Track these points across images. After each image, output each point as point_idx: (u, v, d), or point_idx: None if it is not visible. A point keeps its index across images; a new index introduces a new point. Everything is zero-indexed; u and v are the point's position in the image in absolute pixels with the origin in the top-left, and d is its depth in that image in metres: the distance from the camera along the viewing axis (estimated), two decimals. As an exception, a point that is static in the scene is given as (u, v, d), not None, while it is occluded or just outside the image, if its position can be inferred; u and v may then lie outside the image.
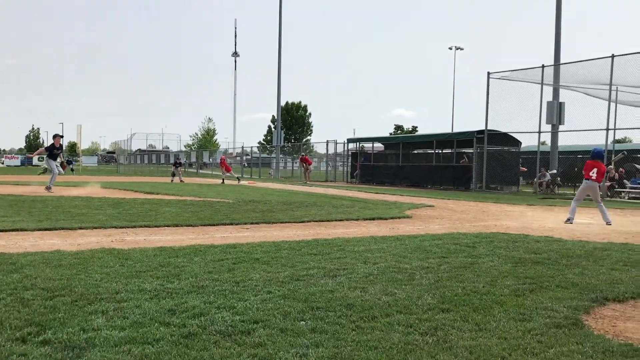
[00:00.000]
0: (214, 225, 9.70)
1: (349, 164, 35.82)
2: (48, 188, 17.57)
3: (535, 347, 3.55)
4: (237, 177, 31.41)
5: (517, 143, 25.84)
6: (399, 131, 71.35)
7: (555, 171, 24.41)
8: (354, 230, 9.37)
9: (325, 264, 6.08)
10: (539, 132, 23.21)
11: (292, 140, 70.03)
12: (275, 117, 47.21)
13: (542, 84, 22.61)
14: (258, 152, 59.54)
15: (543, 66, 22.41)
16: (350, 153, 36.34)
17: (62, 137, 19.65)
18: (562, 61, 24.03)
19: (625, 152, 15.22)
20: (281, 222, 10.31)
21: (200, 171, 54.11)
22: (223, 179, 29.72)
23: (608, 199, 18.75)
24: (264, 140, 75.07)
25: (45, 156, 19.78)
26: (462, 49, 69.21)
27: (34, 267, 5.54)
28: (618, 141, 25.69)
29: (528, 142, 25.88)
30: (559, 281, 5.46)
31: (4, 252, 6.33)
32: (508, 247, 7.61)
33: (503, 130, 24.38)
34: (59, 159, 19.56)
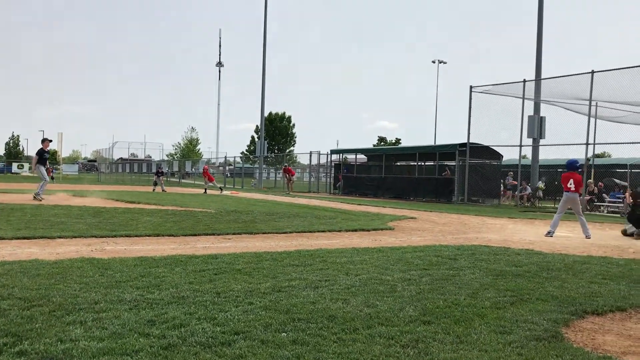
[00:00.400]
0: (195, 235, 9.64)
1: (332, 175, 35.89)
2: (37, 195, 17.03)
3: (515, 360, 3.57)
4: (220, 187, 31.29)
5: (499, 156, 26.10)
6: (382, 143, 71.73)
7: (541, 182, 24.67)
8: (337, 242, 9.37)
9: (307, 275, 6.07)
10: (520, 146, 23.48)
11: (276, 151, 69.99)
12: (259, 127, 47.18)
13: (523, 98, 22.93)
14: (241, 162, 59.38)
15: (524, 81, 22.73)
16: (333, 164, 36.40)
17: (50, 141, 18.94)
18: (543, 76, 24.39)
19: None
20: (263, 233, 10.27)
21: (183, 180, 53.78)
22: (205, 189, 29.58)
23: (587, 212, 18.97)
24: (247, 150, 74.89)
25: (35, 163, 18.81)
26: (445, 63, 70.13)
27: (11, 276, 5.45)
28: (597, 156, 26.05)
29: (509, 155, 26.12)
30: (539, 294, 5.50)
31: (-20, 261, 6.22)
32: (489, 259, 7.66)
33: (485, 143, 24.63)
34: (47, 164, 18.81)
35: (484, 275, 6.41)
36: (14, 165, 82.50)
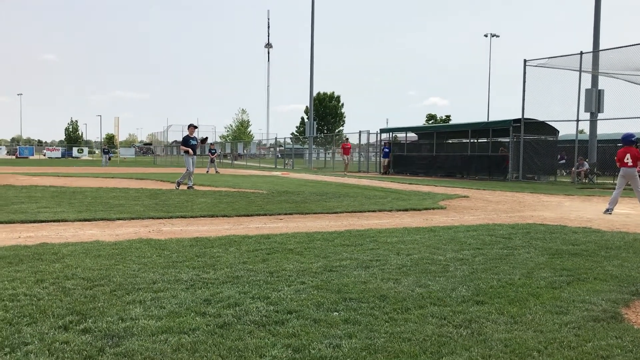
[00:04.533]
0: (248, 216, 9.80)
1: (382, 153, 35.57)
2: (179, 184, 16.14)
3: (572, 341, 3.50)
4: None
5: (555, 132, 25.31)
6: (431, 121, 70.61)
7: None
8: (387, 221, 9.34)
9: (358, 255, 6.09)
10: (577, 121, 22.68)
11: (325, 131, 70.00)
12: (309, 108, 47.23)
13: (580, 71, 22.06)
14: (291, 143, 59.72)
15: (581, 53, 21.85)
16: (383, 143, 36.14)
17: (196, 127, 16.79)
18: (601, 47, 23.39)
19: None
20: (314, 213, 10.34)
21: (235, 162, 54.59)
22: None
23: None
24: (296, 131, 75.24)
25: (182, 152, 16.93)
26: (498, 36, 68.02)
27: (74, 257, 5.69)
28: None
29: (566, 130, 25.28)
30: (597, 273, 5.35)
31: (46, 242, 6.53)
32: (545, 238, 7.49)
33: (540, 118, 23.91)
34: (198, 151, 17.19)
35: (539, 255, 6.28)
36: (74, 150, 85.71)
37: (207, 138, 19.88)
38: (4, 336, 3.36)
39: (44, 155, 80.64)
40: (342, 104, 77.68)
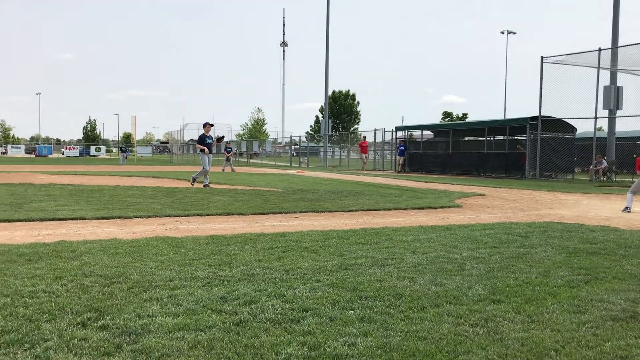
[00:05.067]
0: (264, 214, 9.83)
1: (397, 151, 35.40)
2: (194, 181, 16.33)
3: (590, 340, 3.46)
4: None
5: (572, 129, 25.05)
6: (447, 118, 70.22)
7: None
8: (403, 220, 9.32)
9: (373, 253, 6.08)
10: (595, 118, 22.43)
11: (340, 129, 69.93)
12: (323, 107, 47.21)
13: (598, 67, 21.82)
14: (306, 141, 59.77)
15: (600, 49, 21.60)
16: (398, 141, 35.99)
17: (212, 125, 16.70)
18: (620, 44, 23.08)
19: None
20: (329, 211, 10.34)
21: (251, 160, 54.78)
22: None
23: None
24: (311, 129, 75.26)
25: (198, 150, 16.87)
26: (514, 33, 67.44)
27: (92, 254, 5.75)
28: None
29: (583, 127, 24.99)
30: (615, 272, 5.29)
31: (64, 240, 6.60)
32: (562, 236, 7.42)
33: (557, 116, 23.68)
34: (214, 150, 17.14)
35: (557, 253, 6.22)
36: (92, 148, 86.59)
37: (223, 137, 19.93)
38: (24, 332, 3.41)
39: (62, 154, 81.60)
40: (358, 102, 77.56)
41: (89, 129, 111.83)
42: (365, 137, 36.61)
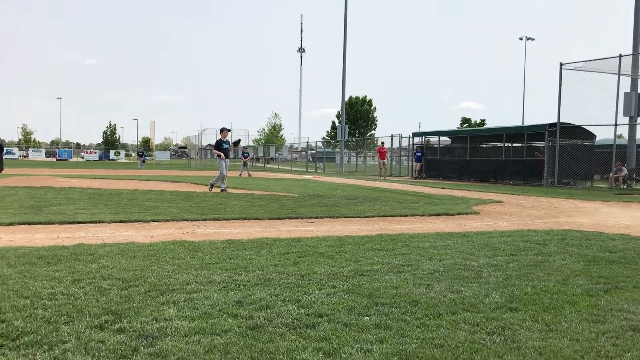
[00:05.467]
0: (280, 219, 9.85)
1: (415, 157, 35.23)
2: (212, 187, 16.45)
3: (609, 351, 3.41)
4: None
5: (592, 136, 24.76)
6: (466, 124, 69.88)
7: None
8: (419, 226, 9.27)
9: (389, 259, 6.06)
10: (615, 125, 22.15)
11: (357, 135, 69.89)
12: (340, 113, 47.25)
13: (619, 74, 21.54)
14: (322, 147, 59.82)
15: (620, 56, 21.34)
16: (415, 147, 35.83)
17: (229, 130, 16.81)
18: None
19: None
20: (345, 217, 10.33)
21: (267, 165, 54.95)
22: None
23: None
24: (328, 135, 75.31)
25: (215, 155, 17.08)
26: (533, 40, 66.97)
27: (110, 257, 5.81)
28: None
29: (603, 135, 24.71)
30: (636, 282, 5.21)
31: (83, 243, 6.67)
32: (581, 244, 7.33)
33: (576, 123, 23.43)
34: (231, 154, 17.20)
35: (575, 261, 6.15)
36: (112, 153, 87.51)
37: (239, 140, 20.03)
38: (42, 334, 3.45)
39: (82, 158, 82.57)
40: (375, 108, 77.49)
41: (108, 133, 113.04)
42: (383, 143, 36.51)
